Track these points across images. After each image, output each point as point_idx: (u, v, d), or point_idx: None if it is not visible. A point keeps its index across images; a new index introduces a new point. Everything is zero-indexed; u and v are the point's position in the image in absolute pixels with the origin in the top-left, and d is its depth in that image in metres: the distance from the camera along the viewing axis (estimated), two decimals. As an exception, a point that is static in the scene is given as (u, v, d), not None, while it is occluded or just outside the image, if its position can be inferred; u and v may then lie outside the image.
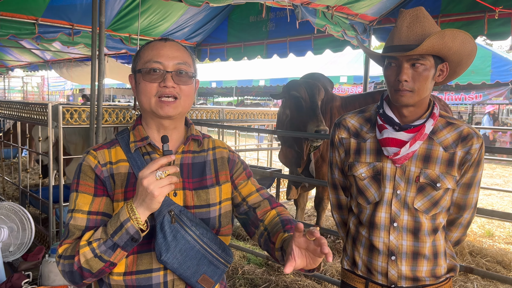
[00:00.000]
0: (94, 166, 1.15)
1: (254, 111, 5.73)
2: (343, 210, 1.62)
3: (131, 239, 1.04)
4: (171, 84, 1.13)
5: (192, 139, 1.25)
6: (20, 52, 8.47)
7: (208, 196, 1.21)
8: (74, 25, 5.02)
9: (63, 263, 1.08)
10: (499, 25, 3.90)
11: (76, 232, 1.12)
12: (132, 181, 1.15)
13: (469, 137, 1.39)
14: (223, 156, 1.30)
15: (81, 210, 1.12)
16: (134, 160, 1.16)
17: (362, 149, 1.47)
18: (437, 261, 1.43)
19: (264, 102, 22.03)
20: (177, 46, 1.18)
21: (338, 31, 4.39)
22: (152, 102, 1.14)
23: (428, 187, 1.38)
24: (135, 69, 1.19)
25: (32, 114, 3.88)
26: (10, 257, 3.02)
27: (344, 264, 1.56)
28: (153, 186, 0.99)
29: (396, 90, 1.32)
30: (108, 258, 1.05)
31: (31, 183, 5.58)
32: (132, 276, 1.13)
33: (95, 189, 1.14)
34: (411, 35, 1.30)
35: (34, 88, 16.99)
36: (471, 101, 11.68)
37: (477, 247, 4.19)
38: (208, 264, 1.15)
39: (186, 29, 5.69)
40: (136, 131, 1.21)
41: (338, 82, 10.47)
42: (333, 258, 3.35)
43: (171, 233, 1.10)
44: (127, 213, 1.03)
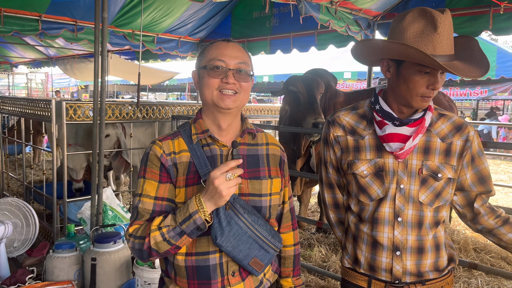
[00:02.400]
0: (160, 155, 1.27)
1: (258, 107, 5.72)
2: (340, 209, 1.60)
3: (197, 228, 1.17)
4: (232, 80, 1.25)
5: (248, 132, 1.37)
6: (24, 49, 8.49)
7: (261, 186, 1.33)
8: (77, 21, 5.02)
9: (133, 241, 1.23)
10: (504, 20, 3.86)
11: (145, 214, 1.26)
12: (192, 170, 1.27)
13: (464, 126, 1.42)
14: (276, 154, 1.41)
15: (148, 195, 1.26)
16: (195, 151, 1.28)
17: (361, 146, 1.45)
18: (439, 252, 1.44)
19: (267, 98, 22.00)
20: (238, 47, 1.32)
21: (341, 27, 4.36)
22: (214, 95, 1.26)
23: (430, 179, 1.39)
24: (199, 66, 1.32)
25: (36, 110, 3.89)
26: (15, 252, 3.04)
27: (345, 262, 1.54)
28: (222, 186, 1.12)
29: (423, 97, 1.31)
30: (175, 242, 1.19)
31: (36, 179, 5.60)
32: (192, 257, 1.27)
33: (160, 176, 1.27)
34: (450, 43, 1.28)
35: (38, 84, 17.03)
36: (476, 96, 11.60)
37: (482, 243, 4.17)
38: (259, 249, 1.27)
39: (189, 25, 5.68)
40: (197, 124, 1.33)
41: (342, 78, 10.42)
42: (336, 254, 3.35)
43: (226, 219, 1.21)
44: (195, 205, 1.16)
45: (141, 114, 4.19)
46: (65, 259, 2.75)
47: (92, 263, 2.67)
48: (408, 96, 1.33)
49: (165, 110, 4.44)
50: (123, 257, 2.75)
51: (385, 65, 1.40)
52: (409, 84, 1.31)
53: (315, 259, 3.76)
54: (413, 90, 1.31)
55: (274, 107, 5.94)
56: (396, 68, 1.36)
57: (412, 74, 1.30)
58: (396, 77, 1.36)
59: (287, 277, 1.49)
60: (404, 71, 1.33)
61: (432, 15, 1.25)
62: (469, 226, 1.52)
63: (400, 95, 1.36)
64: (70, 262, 2.76)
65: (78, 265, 2.79)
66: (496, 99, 13.21)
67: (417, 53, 1.23)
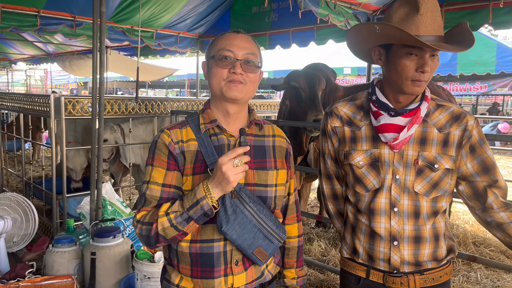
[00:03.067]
0: (168, 143, 1.29)
1: (257, 102, 5.71)
2: (338, 200, 1.61)
3: (204, 214, 1.18)
4: (240, 71, 1.26)
5: (255, 123, 1.39)
6: (22, 45, 8.46)
7: (267, 177, 1.34)
8: (76, 16, 5.00)
9: (141, 227, 1.24)
10: (504, 14, 3.84)
11: (152, 201, 1.27)
12: (200, 158, 1.29)
13: (462, 115, 1.40)
14: (282, 146, 1.43)
15: (156, 183, 1.28)
16: (202, 140, 1.30)
17: (358, 137, 1.46)
18: (438, 243, 1.44)
19: (267, 94, 21.96)
20: (248, 38, 1.33)
21: (341, 21, 4.34)
22: (222, 85, 1.27)
23: (426, 169, 1.38)
24: (209, 56, 1.33)
25: (35, 106, 3.89)
26: (14, 247, 3.05)
27: (344, 253, 1.55)
28: (230, 172, 1.14)
29: (414, 81, 1.30)
30: (182, 228, 1.20)
31: (35, 175, 5.60)
32: (196, 244, 1.27)
33: (168, 164, 1.29)
34: (436, 25, 1.27)
35: (37, 81, 17.01)
36: (476, 91, 11.59)
37: (481, 237, 4.18)
38: (263, 238, 1.28)
39: (188, 21, 5.66)
40: (205, 114, 1.34)
41: (342, 73, 10.40)
42: (335, 248, 3.36)
43: (231, 207, 1.22)
44: (203, 191, 1.18)
45: (140, 109, 4.18)
46: (65, 254, 2.76)
47: (91, 258, 2.67)
48: (399, 81, 1.33)
49: (164, 105, 4.43)
50: (122, 252, 2.75)
51: (377, 54, 1.41)
52: (398, 68, 1.32)
53: (315, 253, 3.76)
54: (402, 74, 1.31)
55: (274, 102, 5.93)
56: (386, 55, 1.37)
57: (400, 57, 1.31)
58: (387, 64, 1.37)
59: (290, 267, 1.50)
60: (392, 56, 1.34)
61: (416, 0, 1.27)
62: (478, 218, 1.47)
63: (392, 82, 1.36)
64: (70, 257, 2.77)
65: (78, 260, 2.79)
66: (496, 94, 13.20)
67: (397, 31, 1.24)
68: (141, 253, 2.65)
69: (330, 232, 4.29)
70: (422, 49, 1.27)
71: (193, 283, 1.30)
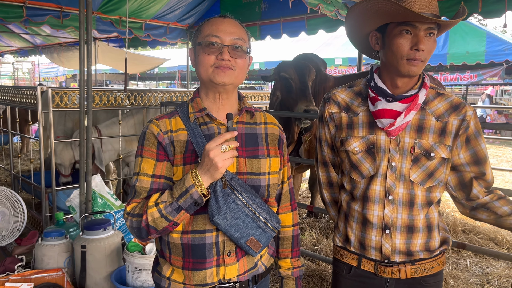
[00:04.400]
0: (157, 134, 1.26)
1: (248, 93, 5.69)
2: (334, 187, 1.59)
3: (194, 203, 1.16)
4: (227, 57, 1.23)
5: (246, 110, 1.36)
6: (9, 37, 8.32)
7: (259, 165, 1.32)
8: (62, 7, 4.91)
9: (132, 219, 1.22)
10: (493, 3, 3.84)
11: (142, 192, 1.25)
12: (190, 148, 1.26)
13: (461, 106, 1.39)
14: (274, 133, 1.40)
15: (146, 174, 1.26)
16: (192, 129, 1.27)
17: (355, 123, 1.44)
18: (431, 234, 1.43)
19: (258, 86, 21.90)
20: (235, 23, 1.29)
21: (331, 11, 4.31)
22: (209, 71, 1.24)
23: (422, 158, 1.37)
24: (195, 43, 1.29)
25: (22, 98, 3.83)
26: (3, 241, 3.02)
27: (336, 241, 1.54)
28: (218, 158, 1.11)
29: (409, 60, 1.28)
30: (173, 218, 1.18)
31: (24, 168, 5.54)
32: (188, 235, 1.25)
33: (157, 155, 1.26)
34: (431, 3, 1.26)
35: (25, 74, 16.77)
36: (466, 81, 11.65)
37: (470, 224, 4.23)
38: (256, 228, 1.25)
39: (177, 11, 5.59)
40: (194, 103, 1.32)
41: (333, 64, 10.37)
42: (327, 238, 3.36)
43: (223, 197, 1.20)
44: (192, 179, 1.15)
45: (129, 101, 4.14)
46: (55, 247, 2.74)
47: (82, 251, 2.65)
48: (395, 62, 1.31)
49: (153, 97, 4.39)
50: (113, 244, 2.74)
51: (374, 38, 1.40)
52: (393, 47, 1.30)
53: (306, 243, 3.78)
54: (397, 53, 1.30)
55: (265, 93, 5.91)
56: (382, 38, 1.36)
57: (394, 36, 1.30)
58: (383, 46, 1.36)
59: (285, 258, 1.48)
60: (387, 37, 1.33)
61: None
62: (462, 207, 1.47)
63: (389, 64, 1.35)
64: (60, 250, 2.74)
65: (68, 253, 2.77)
66: (486, 83, 13.28)
67: (387, 3, 1.23)
68: (132, 245, 2.64)
69: (322, 222, 4.32)
70: (416, 26, 1.27)
71: (184, 276, 1.28)
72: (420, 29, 1.27)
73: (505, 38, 8.91)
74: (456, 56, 8.62)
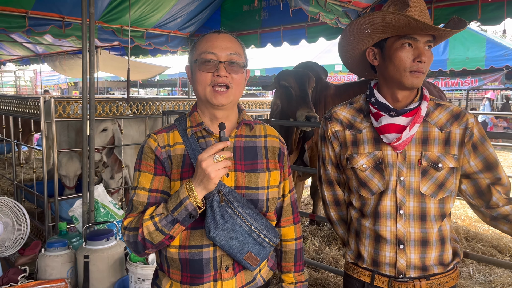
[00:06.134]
0: (154, 148, 1.27)
1: (249, 101, 5.71)
2: (341, 206, 1.58)
3: (189, 215, 1.15)
4: (224, 73, 1.22)
5: (244, 123, 1.35)
6: (11, 46, 8.36)
7: (258, 180, 1.30)
8: (64, 17, 4.95)
9: (128, 234, 1.22)
10: (493, 10, 3.86)
11: (139, 207, 1.25)
12: (187, 162, 1.26)
13: (462, 114, 1.40)
14: (275, 146, 1.38)
15: (143, 188, 1.25)
16: (189, 144, 1.27)
17: (359, 140, 1.44)
18: (444, 246, 1.41)
19: (259, 92, 21.95)
20: (230, 37, 1.28)
21: (331, 19, 4.34)
22: (206, 91, 1.24)
23: (430, 169, 1.37)
24: (191, 60, 1.29)
25: (24, 108, 3.85)
26: (6, 252, 3.02)
27: (348, 258, 1.52)
28: (210, 168, 1.10)
29: (412, 72, 1.30)
30: (168, 232, 1.17)
31: (26, 178, 5.55)
32: (185, 250, 1.25)
33: (155, 169, 1.26)
34: (426, 19, 1.29)
35: (27, 82, 16.83)
36: (466, 86, 11.67)
37: (473, 232, 4.23)
38: (254, 243, 1.24)
39: (178, 20, 5.63)
40: (192, 117, 1.32)
41: (333, 70, 10.40)
42: (329, 246, 3.33)
43: (220, 212, 1.19)
44: (186, 191, 1.14)
45: (131, 110, 4.16)
46: (58, 258, 2.74)
47: (85, 261, 2.65)
48: (398, 75, 1.32)
49: (155, 106, 4.41)
50: (116, 254, 2.74)
51: (371, 54, 1.41)
52: (395, 61, 1.31)
53: (309, 251, 3.78)
54: (400, 66, 1.31)
55: (266, 101, 5.93)
56: (381, 52, 1.37)
57: (396, 50, 1.31)
58: (382, 60, 1.37)
59: (288, 272, 1.46)
60: (387, 51, 1.34)
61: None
62: (482, 215, 1.45)
63: (390, 78, 1.35)
64: (63, 260, 2.75)
65: (71, 263, 2.77)
66: (487, 88, 13.32)
67: (393, 16, 1.25)
68: (134, 256, 2.64)
69: (324, 230, 4.31)
70: (416, 39, 1.29)
71: None
72: (420, 41, 1.29)
73: (505, 44, 8.93)
74: (456, 61, 8.64)
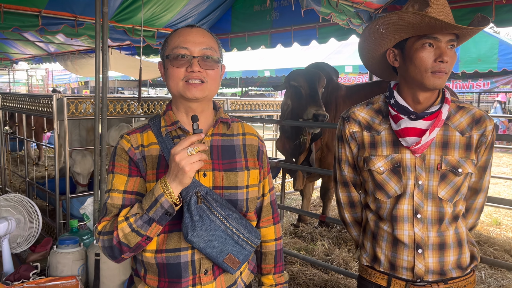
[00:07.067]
0: (128, 149, 1.22)
1: (259, 102, 5.71)
2: (355, 208, 1.56)
3: (166, 213, 1.10)
4: (198, 68, 1.18)
5: (221, 121, 1.30)
6: (24, 45, 8.46)
7: (237, 179, 1.26)
8: (77, 16, 4.99)
9: (103, 239, 1.16)
10: (507, 11, 3.82)
11: (113, 210, 1.19)
12: (163, 163, 1.21)
13: (482, 119, 1.37)
14: (253, 144, 1.34)
15: (117, 190, 1.20)
16: (164, 143, 1.22)
17: (377, 142, 1.41)
18: (461, 249, 1.40)
19: (268, 93, 21.95)
20: (203, 32, 1.23)
21: (343, 20, 4.33)
22: (179, 86, 1.19)
23: (450, 174, 1.35)
24: (163, 56, 1.24)
25: (37, 106, 3.89)
26: (18, 248, 3.05)
27: (363, 261, 1.50)
28: (184, 161, 1.04)
29: (434, 72, 1.27)
30: (145, 232, 1.11)
31: (37, 175, 5.61)
32: (162, 254, 1.19)
33: (129, 170, 1.22)
34: (448, 16, 1.26)
35: (38, 81, 17.02)
36: (478, 89, 11.55)
37: (485, 236, 4.18)
38: (234, 244, 1.20)
39: (189, 20, 5.64)
40: (166, 116, 1.27)
41: (344, 71, 10.38)
42: (339, 248, 3.32)
43: (197, 213, 1.14)
44: (161, 188, 1.09)
45: (142, 109, 4.18)
46: (69, 255, 2.76)
47: (96, 258, 2.67)
48: (419, 76, 1.29)
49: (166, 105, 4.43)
50: (126, 252, 2.75)
51: (391, 55, 1.39)
52: (416, 61, 1.28)
53: (318, 253, 3.76)
54: (421, 67, 1.28)
55: (275, 101, 5.92)
56: (401, 53, 1.35)
57: (416, 50, 1.28)
58: (403, 62, 1.34)
59: (268, 274, 1.42)
60: (408, 52, 1.31)
61: None
62: None
63: (411, 79, 1.32)
64: (74, 258, 2.77)
65: (82, 261, 2.79)
66: (499, 91, 13.17)
67: (412, 16, 1.22)
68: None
69: (334, 231, 4.29)
70: (438, 39, 1.25)
71: None
72: (442, 41, 1.26)
73: (518, 46, 8.83)
74: (468, 63, 8.55)
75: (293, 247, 3.91)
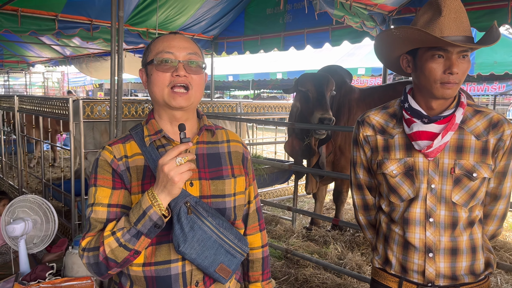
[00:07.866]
0: (111, 161, 1.17)
1: (271, 104, 5.72)
2: (370, 210, 1.56)
3: (154, 225, 1.05)
4: (183, 73, 1.15)
5: (206, 129, 1.28)
6: (40, 48, 8.62)
7: (224, 187, 1.23)
8: (93, 20, 5.08)
9: (88, 255, 1.10)
10: (524, 13, 3.78)
11: (98, 225, 1.14)
12: (148, 174, 1.17)
13: (500, 124, 1.34)
14: (238, 151, 1.32)
15: (101, 204, 1.14)
16: (149, 154, 1.18)
17: (391, 146, 1.41)
18: (475, 255, 1.37)
19: (280, 95, 21.94)
20: (186, 38, 1.22)
21: (356, 22, 4.32)
22: (165, 93, 1.16)
23: (464, 178, 1.33)
24: (146, 62, 1.22)
25: (54, 109, 3.95)
26: (34, 249, 3.09)
27: (375, 263, 1.50)
28: (173, 172, 1.01)
29: (443, 83, 1.26)
30: (133, 247, 1.07)
31: (53, 176, 5.69)
32: (151, 267, 1.15)
33: (113, 182, 1.16)
34: (462, 26, 1.24)
35: (54, 83, 17.30)
36: (493, 91, 11.39)
37: (501, 241, 4.11)
38: (225, 254, 1.17)
39: (203, 23, 5.69)
40: (149, 125, 1.23)
41: (356, 74, 10.33)
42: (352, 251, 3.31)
43: (188, 224, 1.11)
44: (149, 200, 1.04)
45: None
46: (84, 256, 2.79)
47: (110, 260, 2.70)
48: (428, 85, 1.29)
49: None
50: (140, 254, 2.78)
51: (405, 61, 1.38)
52: (425, 71, 1.28)
53: (331, 256, 3.74)
54: (430, 78, 1.27)
55: (288, 104, 5.92)
56: (414, 61, 1.34)
57: (426, 61, 1.28)
58: (415, 70, 1.34)
59: (256, 281, 1.39)
60: (419, 61, 1.31)
61: (438, 2, 1.25)
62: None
63: (422, 87, 1.33)
64: (89, 258, 2.80)
65: (97, 261, 2.82)
66: (514, 94, 12.98)
67: (416, 32, 1.22)
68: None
69: (347, 235, 4.27)
70: (448, 50, 1.24)
71: None
72: (452, 52, 1.24)
73: (534, 48, 8.68)
74: (483, 66, 8.44)
75: (306, 251, 3.90)
